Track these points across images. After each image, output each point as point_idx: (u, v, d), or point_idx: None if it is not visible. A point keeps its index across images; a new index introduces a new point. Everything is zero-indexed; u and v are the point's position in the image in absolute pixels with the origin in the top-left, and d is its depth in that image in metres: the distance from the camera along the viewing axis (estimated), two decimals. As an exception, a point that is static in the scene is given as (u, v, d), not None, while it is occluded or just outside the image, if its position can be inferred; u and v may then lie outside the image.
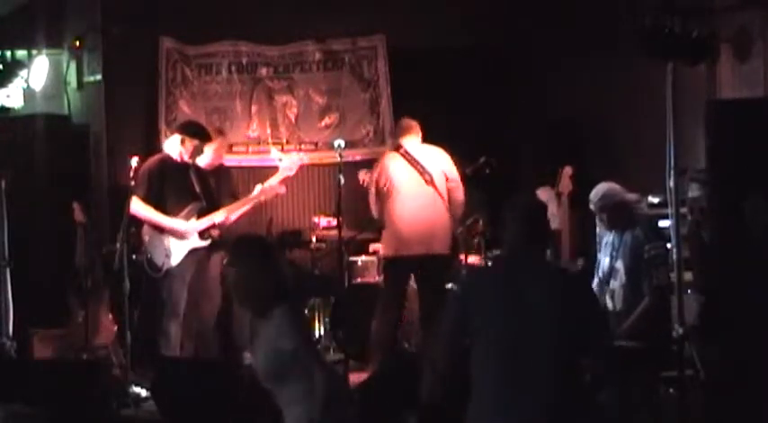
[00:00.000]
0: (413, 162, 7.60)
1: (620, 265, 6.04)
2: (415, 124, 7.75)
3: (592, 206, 6.22)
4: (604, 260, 6.17)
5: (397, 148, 7.73)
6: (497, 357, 3.98)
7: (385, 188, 7.60)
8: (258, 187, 7.58)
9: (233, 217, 7.59)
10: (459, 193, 7.66)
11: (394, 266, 7.66)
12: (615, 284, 6.07)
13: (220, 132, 8.12)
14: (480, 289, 4.14)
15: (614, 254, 6.08)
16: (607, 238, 6.21)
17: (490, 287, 4.10)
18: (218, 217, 7.46)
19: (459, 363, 4.08)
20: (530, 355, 3.96)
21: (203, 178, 7.60)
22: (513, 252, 4.22)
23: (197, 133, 7.54)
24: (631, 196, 6.51)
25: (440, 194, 7.58)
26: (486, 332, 4.01)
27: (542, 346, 3.96)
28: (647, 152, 7.35)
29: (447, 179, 7.62)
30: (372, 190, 7.68)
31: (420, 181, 7.55)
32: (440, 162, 7.66)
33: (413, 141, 7.70)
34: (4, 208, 7.11)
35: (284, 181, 7.68)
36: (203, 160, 7.74)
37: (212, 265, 7.81)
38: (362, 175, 7.95)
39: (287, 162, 7.72)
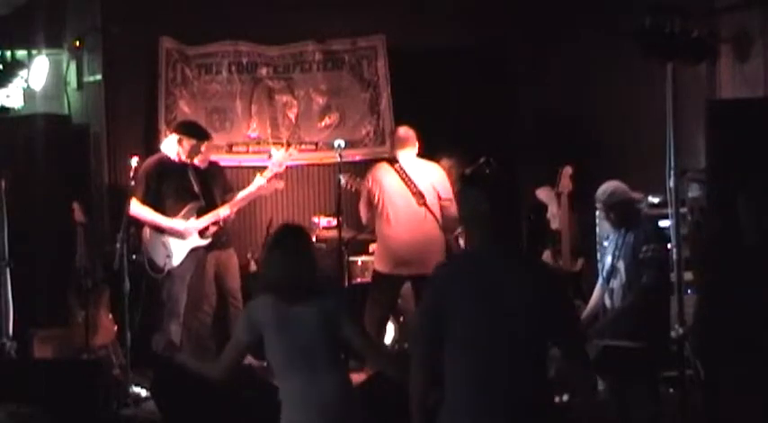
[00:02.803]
0: (407, 181, 7.59)
1: (621, 264, 6.03)
2: (412, 135, 7.70)
3: (599, 205, 6.17)
4: (607, 259, 6.16)
5: (393, 161, 7.71)
6: (469, 353, 3.94)
7: (376, 201, 7.59)
8: (258, 178, 7.63)
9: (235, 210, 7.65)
10: (452, 211, 7.61)
11: (385, 282, 7.68)
12: (615, 284, 6.06)
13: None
14: (452, 285, 4.04)
15: (616, 253, 6.06)
16: (610, 238, 6.20)
17: (462, 283, 4.02)
18: (222, 212, 7.49)
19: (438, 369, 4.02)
20: (501, 350, 3.92)
21: (202, 177, 7.62)
22: (483, 246, 4.11)
23: (194, 133, 7.57)
24: (637, 195, 6.50)
25: (432, 213, 7.57)
26: (459, 328, 3.96)
27: (513, 341, 3.92)
28: (647, 152, 7.35)
29: (440, 198, 7.60)
30: (364, 196, 7.67)
31: (412, 201, 7.54)
32: (433, 180, 7.63)
33: (409, 155, 7.66)
34: (4, 208, 7.11)
35: (274, 177, 7.71)
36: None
37: (208, 265, 7.84)
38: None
39: (276, 158, 7.75)
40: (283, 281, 4.43)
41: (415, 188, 7.58)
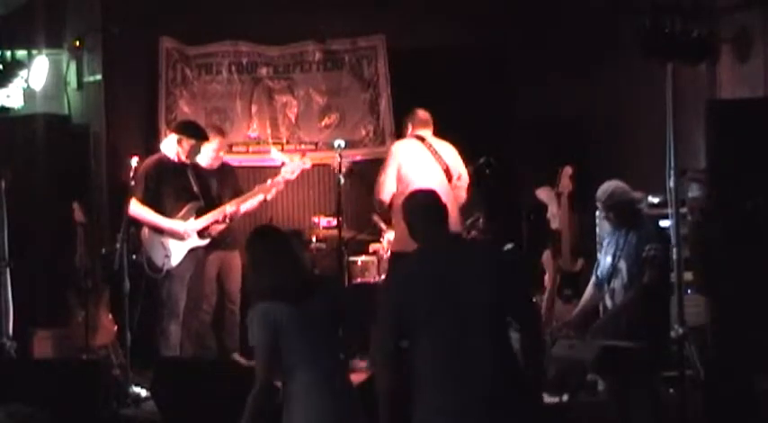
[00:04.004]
0: (439, 158, 7.47)
1: (622, 264, 6.01)
2: (429, 117, 7.67)
3: (599, 205, 6.16)
4: (605, 259, 6.13)
5: (421, 138, 7.59)
6: (436, 342, 4.06)
7: (407, 177, 7.36)
8: (269, 182, 7.62)
9: (243, 209, 7.61)
10: (464, 194, 7.60)
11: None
12: (617, 284, 6.04)
13: (220, 132, 8.12)
14: (411, 281, 4.21)
15: (618, 253, 6.04)
16: (610, 238, 6.18)
17: (420, 277, 4.18)
18: (228, 208, 7.47)
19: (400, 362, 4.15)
20: (466, 334, 4.06)
21: (202, 177, 7.61)
22: (432, 241, 4.32)
23: (193, 133, 7.55)
24: (637, 194, 6.49)
25: (454, 193, 7.52)
26: (423, 320, 4.09)
27: (480, 326, 4.08)
28: (647, 152, 7.35)
29: (460, 178, 7.55)
30: (391, 171, 7.42)
31: (443, 178, 7.39)
32: (458, 160, 7.60)
33: (430, 135, 7.61)
34: (4, 208, 7.11)
35: (291, 185, 7.72)
36: (203, 160, 7.75)
37: (209, 264, 7.83)
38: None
39: (290, 167, 7.72)
40: (286, 284, 4.41)
41: (445, 165, 7.46)
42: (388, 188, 7.43)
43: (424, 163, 7.47)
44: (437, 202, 4.42)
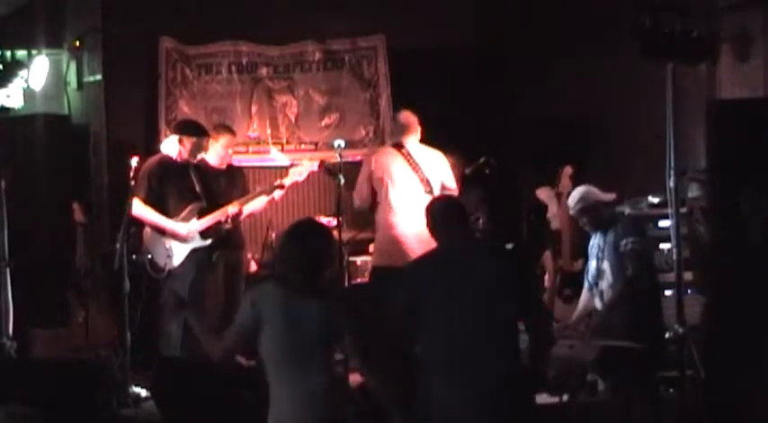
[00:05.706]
0: (415, 167, 7.35)
1: (606, 265, 6.07)
2: (414, 120, 7.45)
3: (571, 212, 6.25)
4: (591, 263, 6.19)
5: (399, 146, 7.46)
6: (448, 338, 4.17)
7: (381, 187, 7.34)
8: (277, 182, 7.60)
9: (247, 210, 7.60)
10: None
11: (385, 276, 7.16)
12: (604, 285, 6.10)
13: (230, 130, 8.07)
14: (427, 278, 4.34)
15: (600, 255, 6.11)
16: (592, 242, 6.23)
17: (435, 276, 4.31)
18: (230, 209, 7.47)
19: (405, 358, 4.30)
20: (477, 331, 4.18)
21: (204, 178, 7.60)
22: (450, 241, 4.52)
23: (194, 131, 7.54)
24: (608, 196, 6.50)
25: None
26: (436, 316, 4.18)
27: (487, 321, 4.21)
28: (647, 152, 7.35)
29: (443, 187, 7.42)
30: (364, 178, 7.42)
31: (419, 188, 7.29)
32: (439, 169, 7.44)
33: (414, 141, 7.46)
34: (4, 208, 7.11)
35: (292, 185, 7.71)
36: (213, 159, 7.74)
37: (217, 264, 7.81)
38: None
39: (299, 169, 7.71)
40: (302, 275, 4.40)
41: (422, 175, 7.32)
42: (360, 195, 7.52)
43: (398, 172, 7.31)
44: (457, 207, 4.73)
